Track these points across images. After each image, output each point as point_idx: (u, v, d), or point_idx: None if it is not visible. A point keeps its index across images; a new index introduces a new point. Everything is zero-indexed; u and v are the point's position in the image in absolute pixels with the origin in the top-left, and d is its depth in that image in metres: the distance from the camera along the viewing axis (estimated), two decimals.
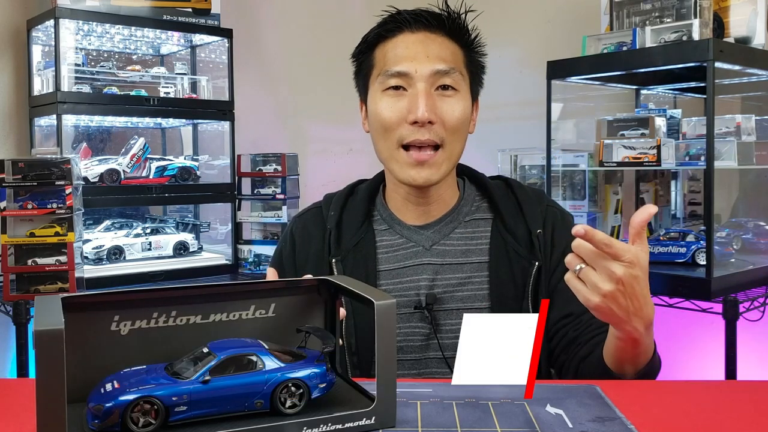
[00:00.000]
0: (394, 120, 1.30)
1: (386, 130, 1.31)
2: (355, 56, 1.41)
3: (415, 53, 1.30)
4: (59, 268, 2.12)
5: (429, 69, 1.29)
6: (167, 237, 2.63)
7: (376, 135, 1.35)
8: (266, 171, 2.79)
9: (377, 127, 1.33)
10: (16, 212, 2.07)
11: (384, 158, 1.35)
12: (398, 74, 1.30)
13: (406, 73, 1.29)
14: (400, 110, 1.29)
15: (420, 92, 1.28)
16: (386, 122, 1.31)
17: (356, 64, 1.42)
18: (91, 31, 2.58)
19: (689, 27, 2.08)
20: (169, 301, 0.85)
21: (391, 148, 1.32)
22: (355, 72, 1.43)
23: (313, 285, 0.94)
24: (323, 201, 1.45)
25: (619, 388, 1.02)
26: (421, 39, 1.32)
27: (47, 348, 0.67)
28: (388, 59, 1.32)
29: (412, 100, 1.28)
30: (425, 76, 1.29)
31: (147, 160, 2.63)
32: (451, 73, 1.30)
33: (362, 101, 1.42)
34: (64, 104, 2.36)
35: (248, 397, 0.79)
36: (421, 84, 1.29)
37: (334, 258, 1.35)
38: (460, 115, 1.31)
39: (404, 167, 1.31)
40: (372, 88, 1.35)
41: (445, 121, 1.29)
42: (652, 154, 2.15)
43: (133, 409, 0.75)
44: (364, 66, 1.38)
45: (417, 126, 1.28)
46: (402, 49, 1.32)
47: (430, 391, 0.99)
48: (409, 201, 1.38)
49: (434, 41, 1.32)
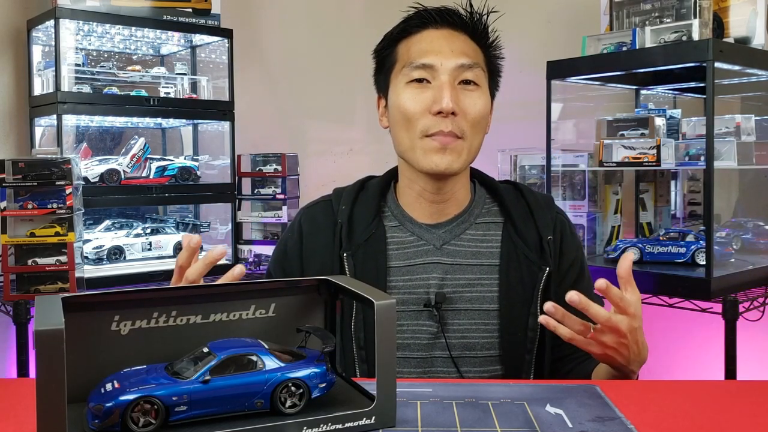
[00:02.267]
0: (417, 110, 1.32)
1: (409, 120, 1.33)
2: (377, 52, 1.43)
3: (439, 47, 1.33)
4: (59, 268, 2.11)
5: (453, 62, 1.32)
6: (167, 237, 2.63)
7: (397, 126, 1.36)
8: (266, 171, 2.79)
9: (399, 118, 1.35)
10: (16, 212, 2.07)
11: (405, 149, 1.36)
12: (423, 66, 1.32)
13: (431, 65, 1.32)
14: (424, 101, 1.32)
15: (444, 84, 1.31)
16: (409, 113, 1.32)
17: (378, 59, 1.44)
18: (91, 31, 2.58)
19: (689, 27, 2.08)
20: (169, 301, 0.85)
21: (414, 138, 1.33)
22: (376, 68, 1.44)
23: (313, 285, 0.94)
24: (333, 195, 1.46)
25: (619, 387, 1.02)
26: (445, 35, 1.36)
27: (47, 348, 0.67)
28: (412, 53, 1.35)
29: (436, 91, 1.31)
30: (450, 69, 1.31)
31: (147, 160, 2.63)
32: (474, 68, 1.33)
33: (381, 97, 1.43)
34: (64, 104, 2.36)
35: (248, 397, 0.79)
36: (445, 76, 1.31)
37: (345, 252, 1.35)
38: (481, 109, 1.34)
39: (428, 153, 1.32)
40: (395, 81, 1.37)
41: (467, 113, 1.32)
42: (652, 154, 2.15)
43: (134, 408, 0.75)
44: (387, 61, 1.40)
45: (441, 116, 1.30)
46: (426, 43, 1.35)
47: (430, 390, 0.99)
48: (423, 197, 1.39)
49: (458, 38, 1.36)
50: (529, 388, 1.02)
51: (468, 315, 1.33)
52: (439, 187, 1.37)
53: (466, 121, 1.32)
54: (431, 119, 1.31)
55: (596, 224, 2.46)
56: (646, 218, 2.54)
